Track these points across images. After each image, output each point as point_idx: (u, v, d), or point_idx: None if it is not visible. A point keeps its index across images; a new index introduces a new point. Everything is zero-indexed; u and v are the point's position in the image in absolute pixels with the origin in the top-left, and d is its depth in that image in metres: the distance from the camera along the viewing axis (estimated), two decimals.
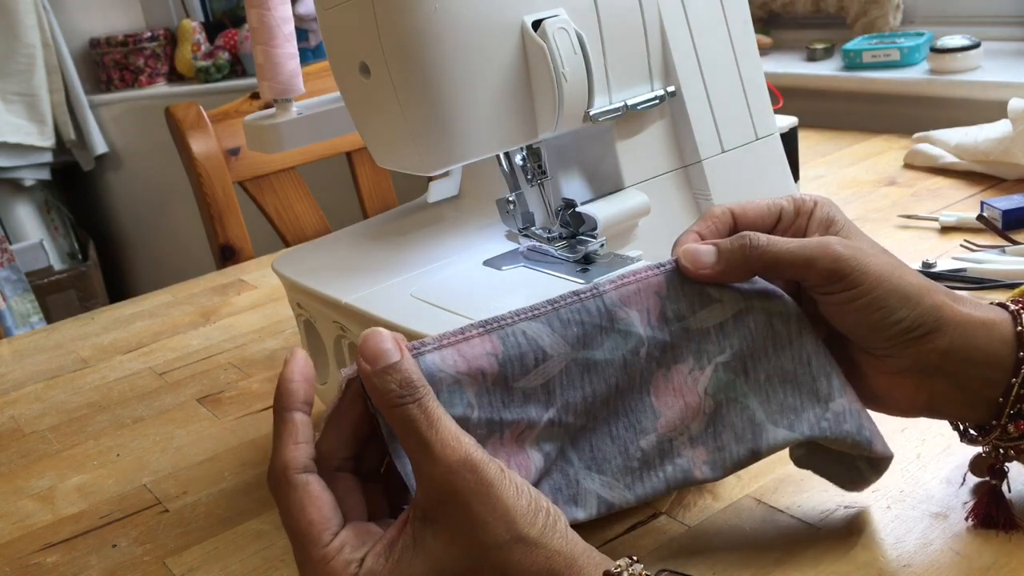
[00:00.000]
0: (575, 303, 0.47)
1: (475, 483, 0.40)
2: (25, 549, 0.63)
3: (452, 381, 0.44)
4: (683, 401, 0.49)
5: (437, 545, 0.40)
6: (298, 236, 1.25)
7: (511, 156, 0.63)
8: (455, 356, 0.44)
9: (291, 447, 0.43)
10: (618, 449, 0.48)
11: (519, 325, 0.46)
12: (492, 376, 0.45)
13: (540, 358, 0.46)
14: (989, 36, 1.44)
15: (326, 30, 0.61)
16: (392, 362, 0.42)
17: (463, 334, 0.45)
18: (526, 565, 0.40)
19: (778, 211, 0.52)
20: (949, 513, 0.53)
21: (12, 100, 2.51)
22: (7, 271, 2.33)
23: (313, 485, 0.42)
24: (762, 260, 0.48)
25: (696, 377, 0.49)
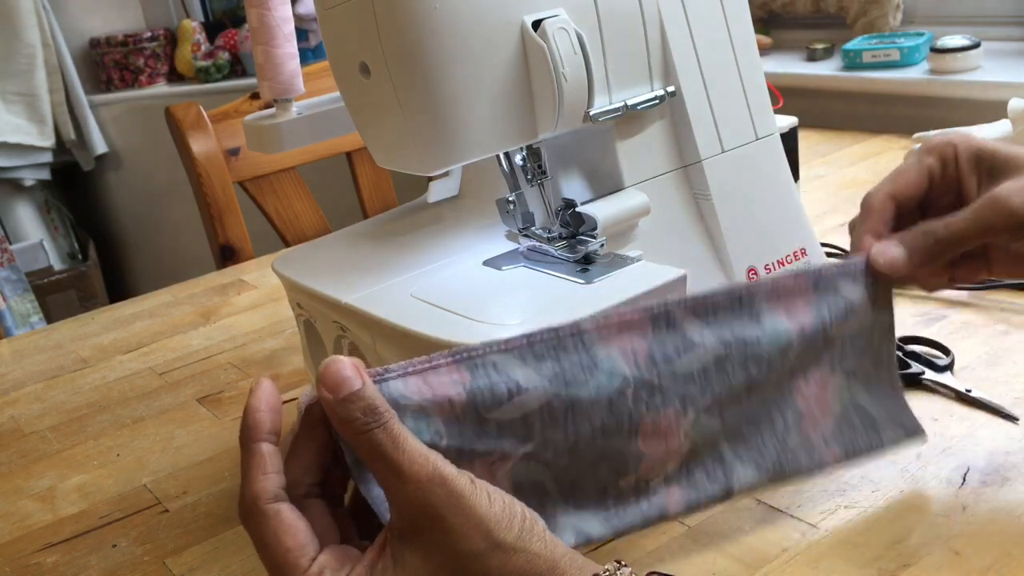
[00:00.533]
0: (551, 339, 0.46)
1: (446, 496, 0.40)
2: (25, 549, 0.63)
3: (417, 408, 0.43)
4: (665, 444, 0.49)
5: (415, 561, 0.40)
6: (298, 236, 1.25)
7: (511, 156, 0.63)
8: (419, 384, 0.44)
9: (260, 478, 0.42)
10: (596, 488, 0.48)
11: (489, 356, 0.45)
12: (460, 405, 0.44)
13: (514, 390, 0.45)
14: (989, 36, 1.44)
15: (326, 30, 0.61)
16: (354, 389, 0.41)
17: (430, 363, 0.44)
18: (507, 571, 0.39)
19: (927, 173, 0.53)
20: (949, 513, 0.53)
21: (12, 100, 2.51)
22: (7, 271, 2.33)
23: (285, 513, 0.41)
24: (948, 247, 0.50)
25: (680, 421, 0.49)
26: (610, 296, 0.54)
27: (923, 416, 0.62)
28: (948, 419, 0.61)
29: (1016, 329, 0.71)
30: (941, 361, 0.67)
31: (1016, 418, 0.60)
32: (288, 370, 0.84)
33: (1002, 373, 0.65)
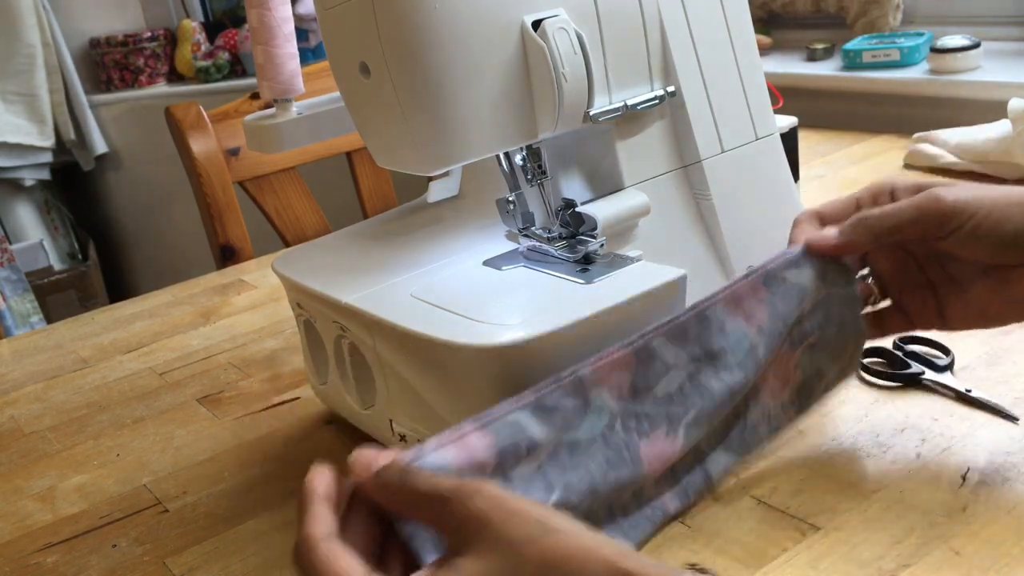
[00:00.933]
0: (556, 389, 0.49)
1: (489, 498, 0.40)
2: (25, 549, 0.63)
3: (456, 476, 0.45)
4: (665, 461, 0.52)
5: (470, 565, 0.39)
6: (298, 236, 1.25)
7: (511, 156, 0.63)
8: (454, 451, 0.45)
9: (315, 523, 0.42)
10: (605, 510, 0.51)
11: (510, 416, 0.47)
12: (491, 467, 0.46)
13: (530, 446, 0.47)
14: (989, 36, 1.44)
15: (326, 30, 0.61)
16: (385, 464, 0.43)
17: (459, 432, 0.46)
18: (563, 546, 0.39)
19: (855, 202, 0.58)
20: (949, 513, 0.53)
21: (12, 100, 2.51)
22: (7, 271, 2.33)
23: (340, 549, 0.41)
24: (881, 226, 0.54)
25: (673, 439, 0.52)
26: (610, 296, 0.54)
27: (923, 416, 0.62)
28: (948, 419, 0.61)
29: (1016, 329, 0.71)
30: (941, 361, 0.67)
31: (1016, 418, 0.60)
32: (288, 370, 0.84)
33: (1002, 373, 0.65)
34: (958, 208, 0.52)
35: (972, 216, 0.52)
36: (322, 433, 0.72)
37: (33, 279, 2.43)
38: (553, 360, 0.52)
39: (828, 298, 0.56)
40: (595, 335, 0.53)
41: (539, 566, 0.38)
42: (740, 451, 0.56)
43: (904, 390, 0.65)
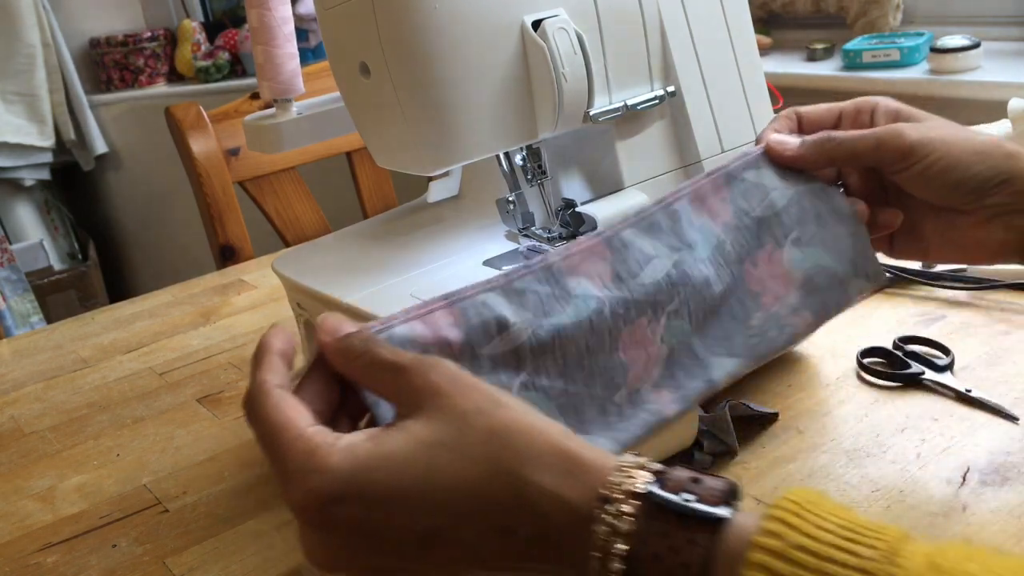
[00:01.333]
0: (526, 274, 0.49)
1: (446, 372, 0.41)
2: (25, 549, 0.63)
3: (421, 351, 0.45)
4: (645, 352, 0.51)
5: (417, 426, 0.40)
6: (298, 236, 1.25)
7: (511, 156, 0.63)
8: (421, 327, 0.46)
9: (267, 372, 0.42)
10: (596, 408, 0.50)
11: (477, 297, 0.48)
12: (458, 345, 0.46)
13: (503, 325, 0.47)
14: (989, 36, 1.44)
15: (326, 30, 0.61)
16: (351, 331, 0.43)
17: (427, 307, 0.47)
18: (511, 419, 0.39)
19: (837, 112, 0.58)
20: (949, 513, 0.52)
21: (12, 100, 2.51)
22: (7, 271, 2.33)
23: (289, 397, 0.42)
24: (839, 150, 0.54)
25: (654, 328, 0.51)
26: None
27: (923, 416, 0.62)
28: (948, 419, 0.61)
29: (1016, 329, 0.71)
30: (941, 361, 0.67)
31: (1016, 418, 0.60)
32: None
33: (1002, 373, 0.65)
34: (916, 147, 0.53)
35: (926, 156, 0.53)
36: None
37: (33, 279, 2.43)
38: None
39: (798, 194, 0.56)
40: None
41: (486, 435, 0.39)
42: (747, 356, 0.54)
43: (904, 390, 0.65)
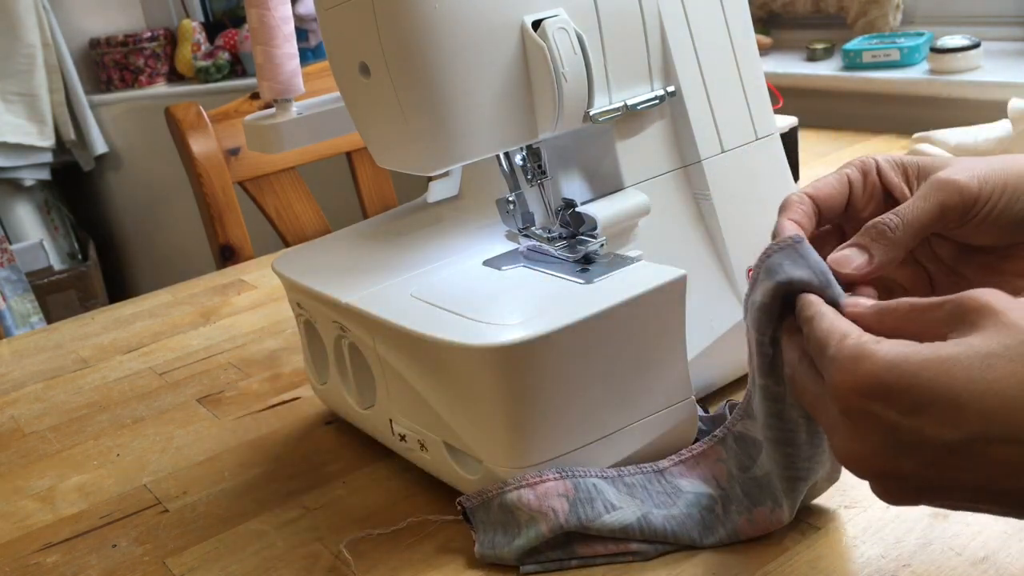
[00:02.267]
0: (637, 473, 0.55)
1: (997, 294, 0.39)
2: (25, 549, 0.63)
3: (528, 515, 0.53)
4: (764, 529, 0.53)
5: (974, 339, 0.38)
6: (298, 236, 1.25)
7: (511, 156, 0.63)
8: (530, 494, 0.53)
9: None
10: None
11: (590, 478, 0.54)
12: (564, 515, 0.53)
13: (609, 508, 0.53)
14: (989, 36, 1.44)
15: (326, 30, 0.61)
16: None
17: (540, 477, 0.53)
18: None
19: (846, 180, 0.51)
20: (949, 513, 0.52)
21: (12, 100, 2.51)
22: (7, 271, 2.33)
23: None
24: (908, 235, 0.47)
25: (779, 514, 0.52)
26: (610, 296, 0.54)
27: None
28: None
29: None
30: None
31: None
32: (288, 370, 0.84)
33: None
34: (981, 195, 0.47)
35: (988, 200, 0.47)
36: (322, 433, 0.72)
37: (33, 279, 2.43)
38: (553, 360, 0.52)
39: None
40: (595, 335, 0.53)
41: None
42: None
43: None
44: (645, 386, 0.56)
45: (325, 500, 0.63)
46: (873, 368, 0.38)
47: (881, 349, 0.39)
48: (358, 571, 0.55)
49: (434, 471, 0.61)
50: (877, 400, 0.38)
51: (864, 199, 0.51)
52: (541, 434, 0.54)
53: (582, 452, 0.55)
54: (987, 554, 0.49)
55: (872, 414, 0.39)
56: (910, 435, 0.38)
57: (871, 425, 0.39)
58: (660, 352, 0.56)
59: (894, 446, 0.38)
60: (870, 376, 0.39)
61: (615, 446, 0.56)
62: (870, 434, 0.39)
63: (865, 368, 0.39)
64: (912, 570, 0.49)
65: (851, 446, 0.40)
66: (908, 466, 0.39)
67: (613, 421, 0.56)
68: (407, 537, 0.58)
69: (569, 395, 0.54)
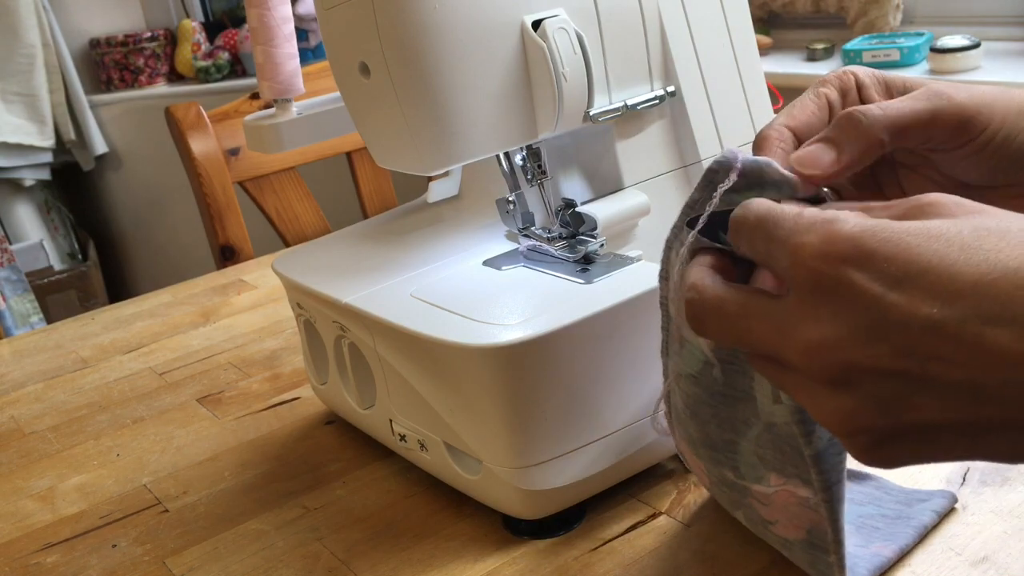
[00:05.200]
0: None
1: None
2: (25, 549, 0.63)
3: None
4: None
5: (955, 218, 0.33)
6: (298, 236, 1.25)
7: (511, 156, 0.63)
8: None
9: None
10: None
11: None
12: None
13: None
14: (989, 36, 1.44)
15: (326, 30, 0.61)
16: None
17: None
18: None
19: (825, 103, 0.45)
20: (949, 513, 0.52)
21: (12, 100, 2.51)
22: (7, 271, 2.33)
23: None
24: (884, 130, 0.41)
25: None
26: (610, 296, 0.54)
27: None
28: None
29: None
30: None
31: None
32: (288, 370, 0.84)
33: None
34: (977, 117, 0.41)
35: (986, 127, 0.42)
36: (322, 433, 0.72)
37: (33, 279, 2.43)
38: (553, 360, 0.52)
39: None
40: (595, 335, 0.53)
41: None
42: None
43: None
44: (645, 386, 0.56)
45: (325, 500, 0.63)
46: (852, 231, 0.32)
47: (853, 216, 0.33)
48: (358, 571, 0.55)
49: (434, 471, 0.61)
50: (857, 267, 0.32)
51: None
52: (541, 434, 0.54)
53: (582, 452, 0.55)
54: (987, 554, 0.49)
55: (849, 285, 0.32)
56: (893, 312, 0.31)
57: (845, 301, 0.32)
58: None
59: (871, 327, 0.32)
60: (849, 240, 0.32)
61: (615, 446, 0.56)
62: (843, 314, 0.32)
63: (842, 231, 0.32)
64: (912, 570, 0.49)
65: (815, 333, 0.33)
66: (885, 356, 0.32)
67: (613, 421, 0.56)
68: (407, 537, 0.58)
69: (569, 395, 0.54)
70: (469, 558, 0.55)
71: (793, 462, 0.44)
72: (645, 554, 0.53)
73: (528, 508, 0.55)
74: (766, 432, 0.45)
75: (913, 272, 0.31)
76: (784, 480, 0.46)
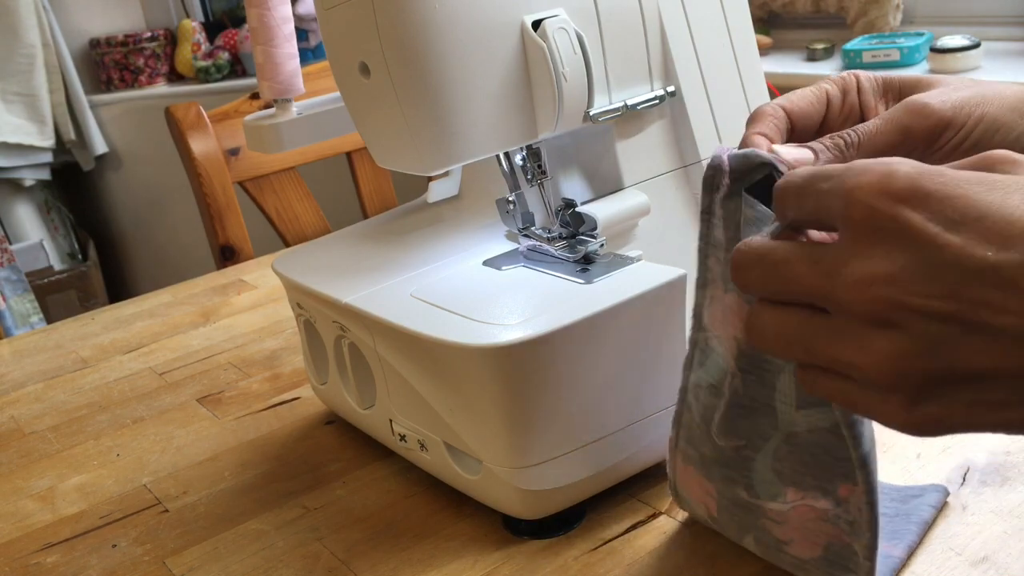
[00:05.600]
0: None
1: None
2: (25, 549, 0.63)
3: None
4: None
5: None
6: (298, 236, 1.25)
7: (511, 156, 0.63)
8: None
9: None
10: None
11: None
12: None
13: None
14: (989, 36, 1.44)
15: (326, 30, 0.61)
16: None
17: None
18: None
19: (824, 96, 0.48)
20: (949, 513, 0.53)
21: (12, 100, 2.51)
22: (7, 271, 2.33)
23: None
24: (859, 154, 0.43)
25: None
26: (610, 296, 0.54)
27: None
28: None
29: None
30: None
31: None
32: (288, 370, 0.84)
33: None
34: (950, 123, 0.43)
35: (960, 129, 0.43)
36: (322, 433, 0.72)
37: (33, 279, 2.43)
38: (553, 360, 0.52)
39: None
40: (595, 335, 0.53)
41: None
42: None
43: None
44: (645, 386, 0.56)
45: (325, 500, 0.63)
46: (910, 172, 0.33)
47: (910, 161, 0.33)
48: (358, 571, 0.55)
49: (434, 471, 0.61)
50: (913, 207, 0.32)
51: (840, 118, 0.48)
52: (541, 434, 0.54)
53: (582, 452, 0.55)
54: (987, 554, 0.49)
55: (905, 223, 0.32)
56: (948, 252, 0.31)
57: (900, 239, 0.32)
58: (660, 352, 0.56)
59: (925, 266, 0.32)
60: (906, 179, 0.33)
61: (615, 446, 0.56)
62: (897, 252, 0.32)
63: (900, 171, 0.33)
64: (912, 570, 0.49)
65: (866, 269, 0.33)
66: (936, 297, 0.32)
67: (613, 421, 0.56)
68: (407, 537, 0.58)
69: (569, 395, 0.54)
70: (469, 558, 0.55)
71: (816, 472, 0.44)
72: (645, 554, 0.53)
73: (528, 508, 0.55)
74: (785, 444, 0.45)
75: (971, 216, 0.31)
76: (802, 495, 0.46)
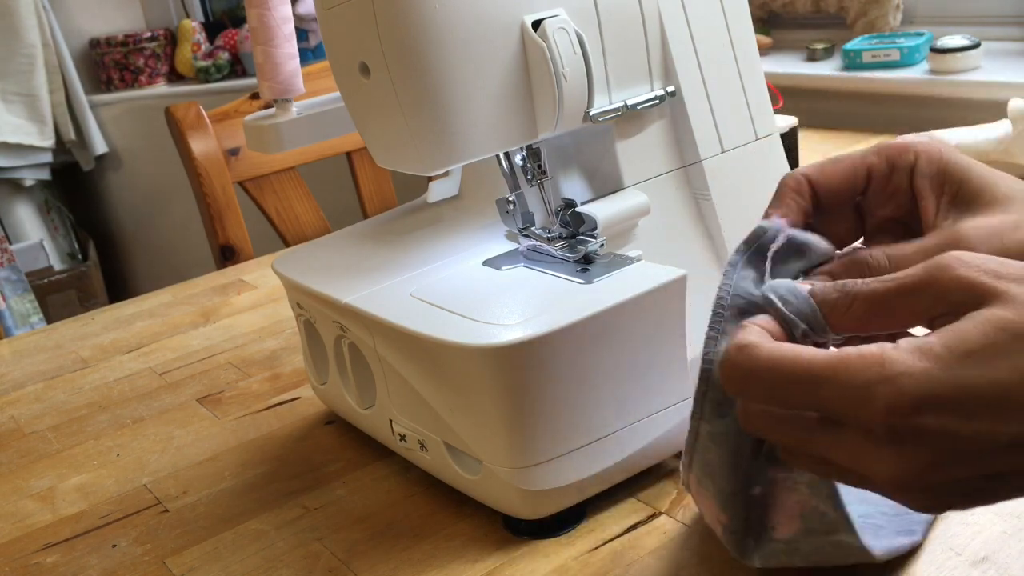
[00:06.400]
0: None
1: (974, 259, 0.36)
2: (25, 549, 0.63)
3: None
4: None
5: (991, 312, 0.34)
6: (298, 236, 1.25)
7: (511, 156, 0.63)
8: None
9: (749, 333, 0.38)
10: None
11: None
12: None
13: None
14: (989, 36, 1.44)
15: (326, 30, 0.61)
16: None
17: None
18: None
19: (866, 171, 0.43)
20: (949, 513, 0.52)
21: (12, 100, 2.51)
22: (7, 271, 2.33)
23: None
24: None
25: None
26: (610, 296, 0.54)
27: None
28: None
29: None
30: None
31: None
32: (288, 370, 0.84)
33: None
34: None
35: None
36: (322, 433, 0.72)
37: (33, 279, 2.43)
38: (553, 360, 0.52)
39: None
40: (595, 335, 0.53)
41: None
42: None
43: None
44: (645, 386, 0.56)
45: (325, 500, 0.63)
46: (915, 383, 0.34)
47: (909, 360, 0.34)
48: (358, 571, 0.55)
49: (434, 471, 0.61)
50: (930, 411, 0.34)
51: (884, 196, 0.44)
52: (541, 434, 0.54)
53: (582, 452, 0.55)
54: (987, 554, 0.49)
55: (925, 424, 0.34)
56: (970, 432, 0.34)
57: (923, 435, 0.34)
58: (660, 352, 0.56)
59: (953, 447, 0.35)
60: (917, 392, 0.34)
61: (615, 446, 0.56)
62: (923, 446, 0.35)
63: (906, 384, 0.34)
64: (912, 570, 0.49)
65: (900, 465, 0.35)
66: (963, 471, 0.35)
67: (613, 421, 0.56)
68: (407, 537, 0.58)
69: (569, 395, 0.54)
70: (469, 558, 0.55)
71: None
72: (645, 554, 0.53)
73: (528, 508, 0.55)
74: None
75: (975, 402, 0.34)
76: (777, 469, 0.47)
